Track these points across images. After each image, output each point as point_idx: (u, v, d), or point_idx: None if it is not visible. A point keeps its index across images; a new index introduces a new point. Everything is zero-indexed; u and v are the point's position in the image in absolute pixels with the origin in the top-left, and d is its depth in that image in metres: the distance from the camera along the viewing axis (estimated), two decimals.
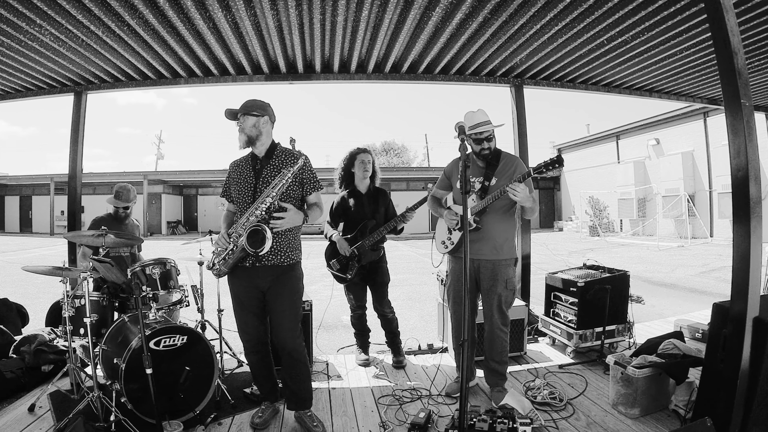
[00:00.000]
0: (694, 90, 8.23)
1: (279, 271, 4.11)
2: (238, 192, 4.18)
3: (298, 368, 4.23)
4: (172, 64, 6.38)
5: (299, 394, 4.29)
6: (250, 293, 4.15)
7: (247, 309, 4.19)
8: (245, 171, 4.20)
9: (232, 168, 4.32)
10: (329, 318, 8.58)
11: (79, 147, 6.93)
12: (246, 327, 4.24)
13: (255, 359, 4.37)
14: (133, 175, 37.96)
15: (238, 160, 4.34)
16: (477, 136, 4.55)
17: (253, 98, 4.17)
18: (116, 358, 4.17)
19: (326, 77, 6.99)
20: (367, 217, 5.67)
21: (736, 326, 3.57)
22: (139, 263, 5.05)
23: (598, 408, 4.52)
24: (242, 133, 4.08)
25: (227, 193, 4.36)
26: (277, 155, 4.19)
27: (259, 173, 4.13)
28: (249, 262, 4.06)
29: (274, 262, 4.09)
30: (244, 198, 4.13)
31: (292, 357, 4.18)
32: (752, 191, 3.52)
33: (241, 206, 4.14)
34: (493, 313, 4.67)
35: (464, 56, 6.44)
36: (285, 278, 4.13)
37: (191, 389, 4.33)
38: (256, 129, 4.09)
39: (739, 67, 3.58)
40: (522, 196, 4.18)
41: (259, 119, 4.10)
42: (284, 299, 4.12)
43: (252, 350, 4.33)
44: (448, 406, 4.67)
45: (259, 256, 4.00)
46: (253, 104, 4.11)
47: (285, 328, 4.13)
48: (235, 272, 4.15)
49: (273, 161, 4.16)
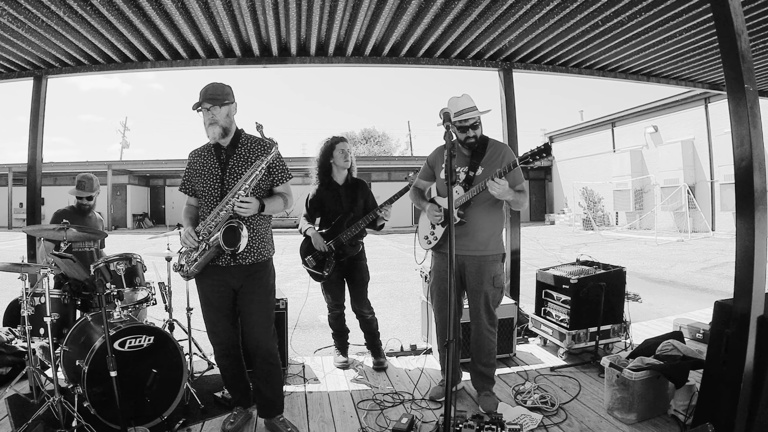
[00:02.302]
0: (694, 74, 8.27)
1: (252, 268, 4.08)
2: (202, 185, 4.10)
3: (272, 372, 4.21)
4: (138, 47, 6.29)
5: (272, 399, 4.27)
6: (222, 293, 4.12)
7: (217, 310, 4.16)
8: (209, 162, 4.12)
9: (193, 158, 4.24)
10: (305, 317, 8.52)
11: (38, 135, 6.81)
12: (216, 330, 4.22)
13: (226, 363, 4.35)
14: (97, 164, 37.61)
15: (198, 150, 4.26)
16: (461, 123, 4.52)
17: (213, 83, 4.02)
18: (78, 360, 4.14)
19: (302, 60, 6.93)
20: (344, 211, 5.63)
21: (740, 326, 3.58)
22: (102, 259, 5.01)
23: (592, 413, 4.52)
24: (215, 125, 3.97)
25: (188, 186, 4.29)
26: (243, 143, 4.12)
27: (225, 164, 4.07)
28: (222, 261, 4.02)
29: (249, 260, 4.06)
30: (210, 191, 4.07)
31: (265, 360, 4.17)
32: (756, 182, 3.52)
33: (207, 200, 4.09)
34: (480, 313, 4.65)
35: (450, 38, 6.41)
36: (258, 276, 4.12)
37: (158, 393, 4.30)
38: (229, 118, 4.05)
39: (742, 50, 3.58)
40: (500, 191, 4.18)
41: (231, 107, 4.05)
42: (258, 298, 4.11)
43: (223, 354, 4.31)
44: (432, 412, 4.65)
45: (235, 255, 3.96)
46: (222, 91, 4.00)
47: (259, 329, 4.12)
48: (204, 271, 4.08)
49: (239, 150, 4.09)
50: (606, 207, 34.62)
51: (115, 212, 39.70)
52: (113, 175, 38.41)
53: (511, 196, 4.32)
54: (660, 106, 30.71)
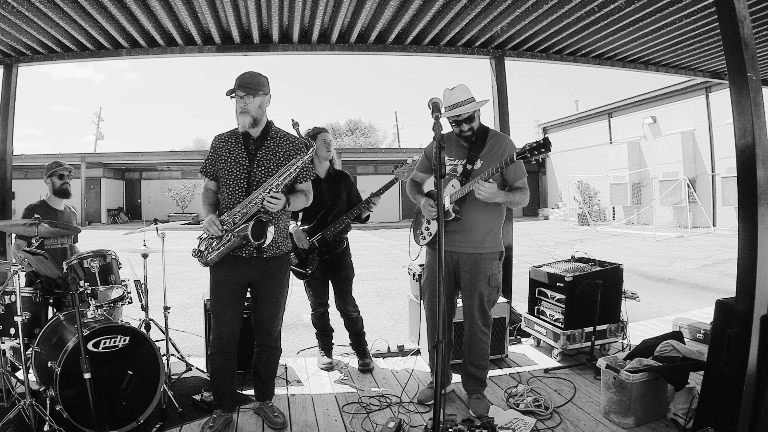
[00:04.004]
0: (695, 62, 8.29)
1: (272, 262, 4.32)
2: (227, 172, 4.26)
3: (276, 359, 4.63)
4: (112, 34, 6.22)
5: (268, 384, 4.63)
6: (238, 285, 4.32)
7: (228, 303, 4.30)
8: (236, 151, 4.26)
9: (220, 144, 4.35)
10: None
11: (9, 126, 6.76)
12: (222, 323, 4.33)
13: (220, 361, 4.40)
14: (70, 157, 37.05)
15: (225, 135, 4.39)
16: (454, 118, 4.53)
17: (250, 71, 4.17)
18: (51, 362, 4.10)
19: (285, 48, 6.92)
20: (327, 205, 5.62)
21: (742, 326, 3.58)
22: (76, 255, 5.04)
23: (587, 417, 4.53)
24: (247, 114, 4.13)
25: (210, 170, 4.40)
26: (272, 137, 4.29)
27: (254, 155, 4.23)
28: (246, 252, 4.20)
29: (272, 254, 4.28)
30: (236, 180, 4.23)
31: (271, 353, 4.55)
32: (760, 175, 3.52)
33: (231, 188, 4.25)
34: (473, 313, 4.66)
35: (439, 24, 6.39)
36: (276, 269, 4.37)
37: (134, 396, 4.28)
38: (261, 110, 4.19)
39: (745, 37, 3.58)
40: (487, 195, 4.22)
41: (265, 98, 4.19)
42: (279, 289, 4.42)
43: (220, 350, 4.37)
44: (420, 415, 4.65)
45: (261, 248, 4.13)
46: (258, 81, 4.15)
47: (273, 319, 4.45)
48: (225, 261, 4.21)
49: (268, 143, 4.26)
50: (602, 201, 34.82)
51: (88, 207, 39.41)
52: (87, 168, 38.16)
53: (501, 199, 4.35)
54: (659, 95, 30.89)
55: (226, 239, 4.10)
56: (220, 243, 4.14)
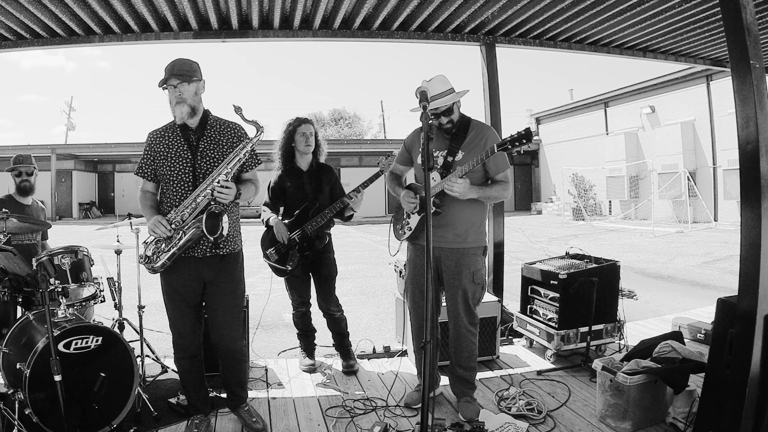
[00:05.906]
0: (695, 49, 8.32)
1: (225, 260, 4.23)
2: (170, 169, 4.14)
3: (242, 368, 4.58)
4: (84, 19, 6.15)
5: (239, 393, 4.55)
6: (193, 287, 4.22)
7: (185, 306, 4.25)
8: (176, 144, 4.16)
9: (156, 140, 4.24)
10: (268, 316, 8.48)
11: None
12: (183, 327, 4.30)
13: (188, 365, 4.41)
14: (40, 148, 36.98)
15: (161, 131, 4.28)
16: (433, 111, 4.50)
17: (180, 58, 4.07)
18: (19, 363, 4.08)
19: (265, 34, 6.88)
20: (308, 199, 5.61)
21: (745, 325, 3.59)
22: (46, 252, 5.06)
23: (582, 421, 4.54)
24: (184, 104, 4.03)
25: (148, 170, 4.28)
26: (212, 125, 4.21)
27: (196, 147, 4.14)
28: (199, 251, 4.11)
29: (228, 250, 4.21)
30: (180, 176, 4.13)
31: (234, 358, 4.44)
32: (763, 167, 3.53)
33: (176, 185, 4.15)
34: (458, 311, 4.66)
35: (426, 9, 6.38)
36: (230, 268, 4.28)
37: (107, 399, 4.28)
38: (197, 97, 4.11)
39: (747, 22, 3.59)
40: (460, 191, 4.22)
41: (199, 84, 4.10)
42: (231, 290, 4.30)
43: (185, 355, 4.37)
44: (407, 419, 4.65)
45: (217, 243, 4.07)
46: (190, 67, 4.07)
47: (229, 325, 4.33)
48: (177, 263, 4.13)
49: (209, 132, 4.19)
50: (598, 195, 34.95)
51: (59, 201, 39.20)
52: (57, 160, 38.04)
53: (475, 194, 4.34)
54: (657, 84, 31.00)
55: (177, 239, 3.99)
56: (169, 244, 4.02)
